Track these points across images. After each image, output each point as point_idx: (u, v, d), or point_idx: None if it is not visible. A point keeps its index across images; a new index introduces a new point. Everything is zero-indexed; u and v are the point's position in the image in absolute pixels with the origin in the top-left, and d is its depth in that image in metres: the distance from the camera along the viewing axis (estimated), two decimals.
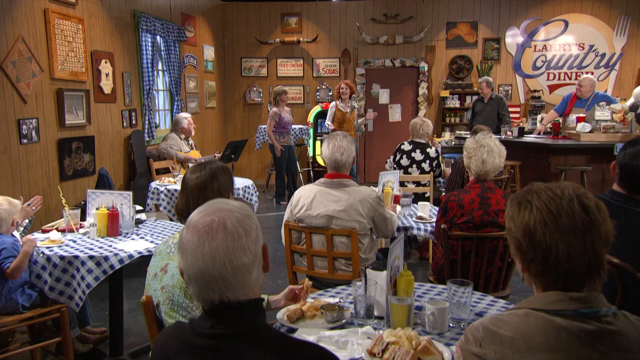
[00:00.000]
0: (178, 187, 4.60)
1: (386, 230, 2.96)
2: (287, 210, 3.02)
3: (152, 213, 4.88)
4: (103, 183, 4.88)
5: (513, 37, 8.96)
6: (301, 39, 9.26)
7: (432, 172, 4.92)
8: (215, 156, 6.23)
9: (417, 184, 4.96)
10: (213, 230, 1.10)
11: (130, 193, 3.10)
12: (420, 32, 9.04)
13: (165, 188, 4.61)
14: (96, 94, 5.28)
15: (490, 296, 2.09)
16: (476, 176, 2.88)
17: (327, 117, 7.44)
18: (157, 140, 6.51)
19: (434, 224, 3.29)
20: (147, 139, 6.24)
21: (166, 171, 5.69)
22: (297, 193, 2.98)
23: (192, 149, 6.18)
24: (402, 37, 9.08)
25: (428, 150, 4.93)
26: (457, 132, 8.55)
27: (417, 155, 4.94)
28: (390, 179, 3.71)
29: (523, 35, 8.91)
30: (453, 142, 8.51)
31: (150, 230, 3.15)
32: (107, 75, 5.45)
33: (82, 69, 4.99)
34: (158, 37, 6.72)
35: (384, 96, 9.44)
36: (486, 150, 2.82)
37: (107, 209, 2.98)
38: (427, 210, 3.47)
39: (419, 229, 3.27)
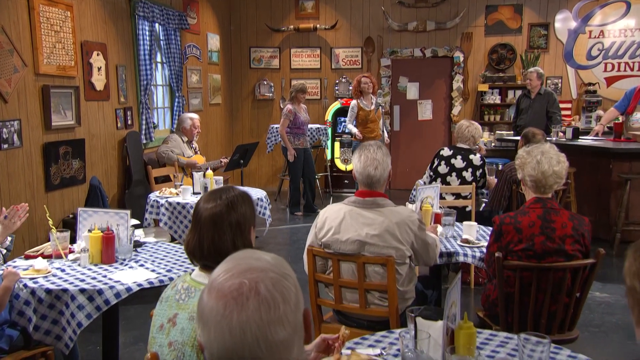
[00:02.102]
0: (181, 199, 4.52)
1: (428, 258, 2.87)
2: (311, 233, 2.93)
3: (150, 229, 4.81)
4: (95, 195, 4.82)
5: (564, 22, 8.78)
6: (318, 25, 9.21)
7: (475, 183, 4.77)
8: (221, 162, 6.17)
9: (457, 196, 4.81)
10: (243, 297, 0.98)
11: (128, 212, 3.02)
12: (455, 17, 8.92)
13: (166, 201, 4.54)
14: (87, 91, 5.26)
15: (567, 350, 1.94)
16: (534, 185, 2.74)
17: (347, 119, 7.33)
18: (156, 142, 6.50)
19: (482, 249, 3.15)
20: (144, 141, 6.23)
21: (166, 179, 5.62)
22: (323, 213, 2.89)
23: (195, 153, 6.13)
24: (434, 22, 8.97)
25: (471, 157, 4.78)
26: (498, 132, 8.44)
27: (458, 162, 4.80)
28: (429, 194, 3.57)
29: (576, 20, 8.73)
30: (493, 144, 8.40)
31: (152, 256, 3.07)
32: (99, 69, 5.43)
33: (71, 63, 4.97)
34: (157, 25, 6.71)
35: (412, 91, 9.35)
36: (540, 151, 2.73)
37: (101, 231, 2.90)
38: (474, 232, 3.33)
39: (465, 254, 3.14)
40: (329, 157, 9.03)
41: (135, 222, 5.00)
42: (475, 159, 4.78)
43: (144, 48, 6.18)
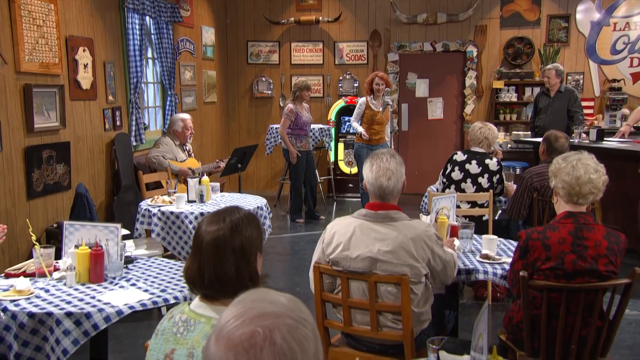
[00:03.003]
0: (175, 208, 4.46)
1: (445, 277, 2.84)
2: (318, 249, 2.91)
3: (141, 240, 4.77)
4: (81, 204, 4.78)
5: (586, 13, 8.73)
6: (321, 18, 9.17)
7: (491, 190, 4.72)
8: (218, 165, 6.12)
9: (473, 204, 4.76)
10: (256, 348, 0.92)
11: (119, 226, 2.96)
12: (468, 9, 8.89)
13: (159, 210, 4.49)
14: (72, 90, 5.23)
15: None
16: (567, 194, 2.69)
17: (353, 116, 7.28)
18: (147, 144, 6.47)
19: (504, 266, 3.09)
20: (134, 143, 6.20)
21: (158, 185, 5.57)
22: (331, 227, 2.87)
23: (189, 155, 6.09)
24: (445, 14, 8.94)
25: (487, 161, 4.74)
26: (514, 132, 8.40)
27: (473, 168, 4.75)
28: (445, 204, 3.52)
29: (599, 11, 8.68)
30: (509, 145, 8.35)
31: (144, 274, 3.01)
32: (85, 66, 5.40)
33: (55, 60, 4.93)
34: (147, 18, 6.68)
35: (421, 88, 9.33)
36: (577, 158, 2.69)
37: (89, 247, 2.85)
38: (494, 247, 3.28)
39: (485, 272, 3.09)
40: (332, 159, 9.00)
41: (125, 232, 5.00)
42: (492, 163, 4.74)
43: (133, 43, 6.14)
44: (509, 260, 3.09)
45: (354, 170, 8.83)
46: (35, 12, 4.66)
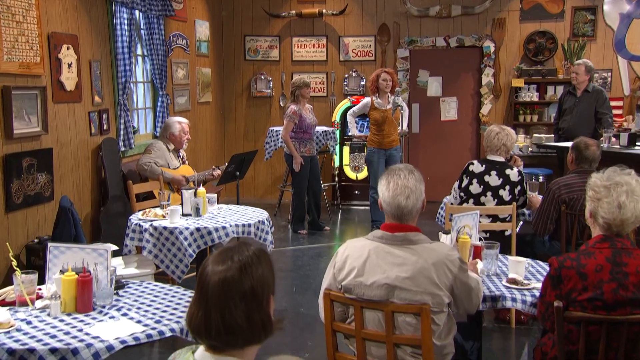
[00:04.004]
0: (168, 223, 4.40)
1: (470, 305, 2.79)
2: (328, 274, 2.85)
3: (131, 257, 4.72)
4: (66, 220, 4.72)
5: (614, 5, 8.71)
6: (324, 10, 9.16)
7: (514, 202, 4.67)
8: (213, 172, 6.09)
9: (493, 218, 4.71)
10: None
11: (109, 249, 2.90)
12: (485, 1, 8.86)
13: (151, 225, 4.42)
14: (55, 92, 5.21)
15: None
16: (606, 227, 2.63)
17: (351, 110, 7.49)
18: (137, 150, 6.46)
19: (534, 292, 3.03)
20: (122, 149, 6.20)
21: (149, 196, 5.52)
22: (343, 250, 2.81)
23: (183, 162, 6.07)
24: (459, 7, 8.93)
25: (508, 171, 4.71)
26: (535, 135, 8.36)
27: (493, 180, 4.71)
28: (467, 222, 3.46)
29: (629, 2, 8.67)
30: (530, 149, 8.31)
31: (136, 301, 2.95)
32: (69, 65, 5.38)
33: (37, 59, 4.90)
34: (137, 12, 6.66)
35: (434, 86, 9.31)
36: (625, 191, 2.60)
37: (76, 272, 2.79)
38: (522, 270, 3.21)
39: (513, 298, 3.02)
40: (336, 164, 8.96)
41: (113, 247, 4.94)
42: (513, 174, 4.71)
43: (122, 39, 6.13)
44: (539, 285, 3.03)
45: (361, 175, 8.79)
46: (14, 7, 4.62)
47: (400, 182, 2.68)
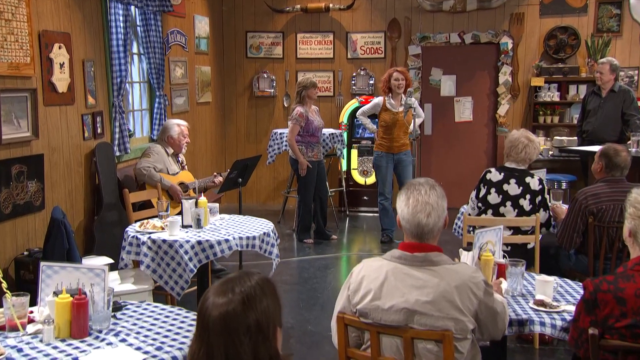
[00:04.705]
0: (167, 235, 4.35)
1: (496, 331, 2.74)
2: (342, 296, 2.79)
3: (127, 272, 4.67)
4: (58, 232, 4.67)
5: None
6: (331, 5, 9.16)
7: (537, 213, 4.63)
8: (215, 179, 6.06)
9: (515, 230, 4.66)
10: None
11: (106, 268, 2.85)
12: None
13: (149, 237, 4.37)
14: (46, 94, 5.20)
15: None
16: None
17: (362, 109, 7.47)
18: (132, 154, 6.45)
19: (564, 315, 2.97)
20: (118, 153, 6.18)
21: (147, 204, 5.49)
22: (358, 271, 2.76)
23: (183, 167, 6.07)
24: (475, 1, 8.90)
25: (528, 179, 4.68)
26: (557, 137, 8.32)
27: (512, 189, 4.69)
28: (489, 238, 3.40)
29: None
30: (551, 152, 8.26)
31: (135, 325, 2.89)
32: (61, 65, 5.38)
33: (27, 59, 4.88)
34: (133, 8, 6.66)
35: (447, 86, 9.32)
36: None
37: (71, 294, 2.74)
38: (550, 290, 3.15)
39: (542, 322, 2.95)
40: (344, 168, 8.94)
41: (109, 260, 4.91)
42: (533, 182, 4.70)
43: (117, 37, 6.12)
44: (570, 308, 2.97)
45: (370, 180, 8.75)
46: (3, 4, 4.61)
47: (421, 199, 2.63)
